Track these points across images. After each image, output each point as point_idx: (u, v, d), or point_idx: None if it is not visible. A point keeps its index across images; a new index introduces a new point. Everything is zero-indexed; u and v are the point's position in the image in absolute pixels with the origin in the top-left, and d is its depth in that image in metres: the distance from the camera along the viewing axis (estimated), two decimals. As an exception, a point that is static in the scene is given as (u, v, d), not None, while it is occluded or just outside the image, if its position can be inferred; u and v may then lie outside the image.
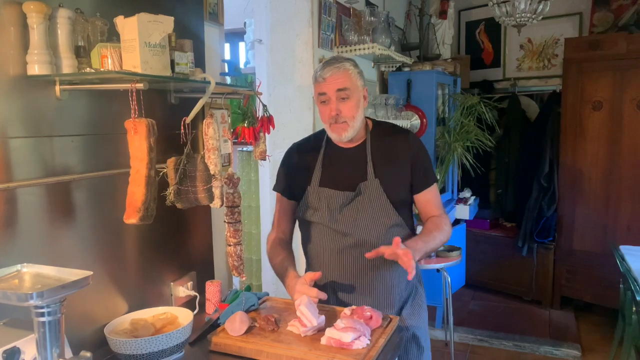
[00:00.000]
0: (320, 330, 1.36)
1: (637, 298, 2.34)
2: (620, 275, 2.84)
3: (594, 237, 3.81)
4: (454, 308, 3.36)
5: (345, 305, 1.56)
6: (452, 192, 4.27)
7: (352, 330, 1.30)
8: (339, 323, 1.33)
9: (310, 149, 1.70)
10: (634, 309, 2.44)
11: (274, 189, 1.77)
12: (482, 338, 3.54)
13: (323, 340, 1.31)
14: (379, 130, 1.67)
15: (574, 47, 3.85)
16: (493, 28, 4.69)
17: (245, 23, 3.65)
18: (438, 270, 3.15)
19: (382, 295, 1.60)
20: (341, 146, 1.65)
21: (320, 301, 1.46)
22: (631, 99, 3.57)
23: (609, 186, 3.74)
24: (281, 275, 1.63)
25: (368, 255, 1.44)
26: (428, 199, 1.64)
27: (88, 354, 0.97)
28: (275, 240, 1.72)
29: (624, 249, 2.94)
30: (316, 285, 1.55)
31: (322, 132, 1.71)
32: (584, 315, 3.91)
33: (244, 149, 3.27)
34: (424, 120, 3.67)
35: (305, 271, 1.75)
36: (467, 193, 4.25)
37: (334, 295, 1.62)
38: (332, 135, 1.60)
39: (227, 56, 4.18)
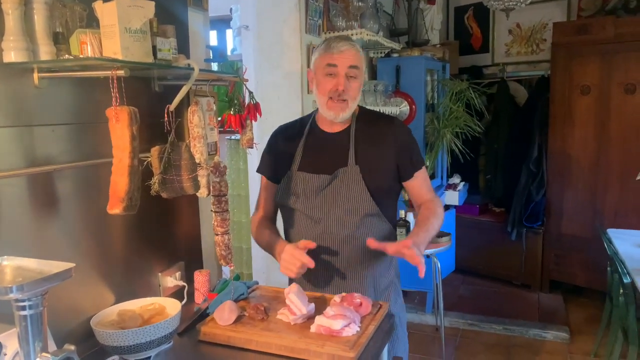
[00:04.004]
0: (310, 318, 1.35)
1: (624, 280, 2.37)
2: (608, 258, 2.87)
3: (582, 221, 3.85)
4: (444, 293, 3.39)
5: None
6: (442, 178, 4.27)
7: (342, 318, 1.29)
8: (329, 310, 1.33)
9: (294, 132, 1.66)
10: (621, 291, 2.47)
11: (258, 170, 1.73)
12: (473, 322, 3.57)
13: (313, 328, 1.31)
14: (364, 117, 1.63)
15: (562, 32, 3.84)
16: (482, 13, 4.68)
17: (231, 9, 3.60)
18: (428, 256, 3.16)
19: (355, 287, 1.57)
20: (325, 130, 1.61)
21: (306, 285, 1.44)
22: (619, 83, 3.59)
23: (596, 170, 3.77)
24: (270, 246, 1.58)
25: (371, 244, 1.39)
26: (419, 184, 1.60)
27: (72, 347, 0.96)
28: (261, 220, 1.68)
29: (612, 232, 2.98)
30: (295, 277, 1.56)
31: (309, 116, 1.69)
32: (573, 298, 3.97)
33: (232, 137, 3.24)
34: (413, 106, 3.66)
35: None
36: (456, 179, 4.26)
37: (308, 284, 1.61)
38: (328, 113, 1.54)
39: (214, 43, 4.12)
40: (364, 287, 1.58)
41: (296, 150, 1.61)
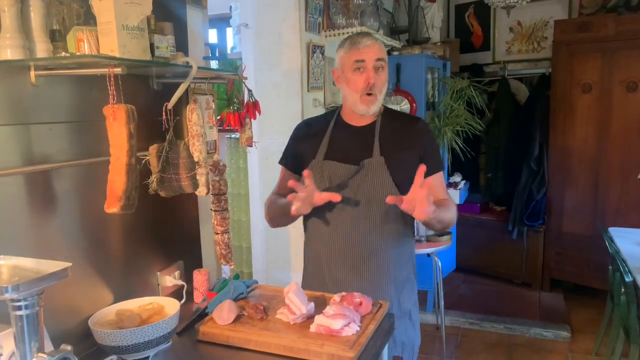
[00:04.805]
0: (310, 318, 1.34)
1: (626, 279, 2.35)
2: (609, 256, 2.86)
3: (583, 219, 3.84)
4: (445, 292, 3.38)
5: (339, 285, 1.56)
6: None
7: (342, 317, 1.28)
8: (328, 310, 1.32)
9: (319, 125, 1.70)
10: (623, 290, 2.46)
11: (280, 162, 1.75)
12: (473, 321, 3.56)
13: (312, 328, 1.30)
14: (389, 114, 1.69)
15: (563, 30, 3.82)
16: (482, 11, 4.66)
17: (231, 7, 3.58)
18: (429, 254, 3.16)
19: (376, 277, 1.59)
20: (350, 124, 1.65)
21: (310, 286, 1.43)
22: (620, 81, 3.57)
23: (597, 169, 3.75)
24: (283, 202, 1.57)
25: (389, 200, 1.39)
26: (435, 185, 1.61)
27: (68, 348, 0.94)
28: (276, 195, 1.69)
29: (613, 230, 2.96)
30: (312, 267, 1.63)
31: (333, 112, 1.72)
32: (573, 297, 3.95)
33: (232, 135, 3.23)
34: (414, 104, 3.65)
35: (304, 251, 1.74)
36: (457, 177, 4.25)
37: (329, 273, 1.61)
38: (360, 107, 1.58)
39: (213, 41, 4.11)
40: (383, 277, 1.60)
41: (322, 141, 1.65)
